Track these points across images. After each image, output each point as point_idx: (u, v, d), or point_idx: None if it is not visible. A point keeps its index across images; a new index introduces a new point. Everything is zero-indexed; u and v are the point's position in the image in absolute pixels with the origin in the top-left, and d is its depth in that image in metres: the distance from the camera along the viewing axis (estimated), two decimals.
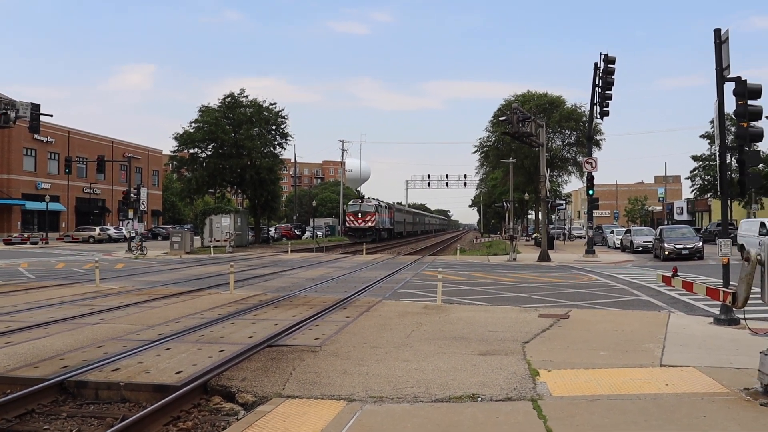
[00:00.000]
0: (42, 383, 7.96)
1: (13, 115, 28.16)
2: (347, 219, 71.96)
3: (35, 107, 28.90)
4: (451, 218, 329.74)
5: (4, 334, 11.27)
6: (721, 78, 13.97)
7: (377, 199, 79.99)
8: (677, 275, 12.03)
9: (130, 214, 47.69)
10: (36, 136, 65.62)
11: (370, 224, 68.98)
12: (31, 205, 72.69)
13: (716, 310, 13.40)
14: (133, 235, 47.60)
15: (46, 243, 62.51)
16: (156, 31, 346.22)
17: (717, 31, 14.13)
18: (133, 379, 8.19)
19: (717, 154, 14.98)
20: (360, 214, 69.72)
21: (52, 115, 31.20)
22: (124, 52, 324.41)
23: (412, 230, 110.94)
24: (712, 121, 64.01)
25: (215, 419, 7.22)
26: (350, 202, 75.48)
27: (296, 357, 9.54)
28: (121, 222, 74.67)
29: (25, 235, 64.31)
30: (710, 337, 11.27)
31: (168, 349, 10.09)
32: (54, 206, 74.02)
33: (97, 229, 72.19)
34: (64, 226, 78.61)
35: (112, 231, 71.62)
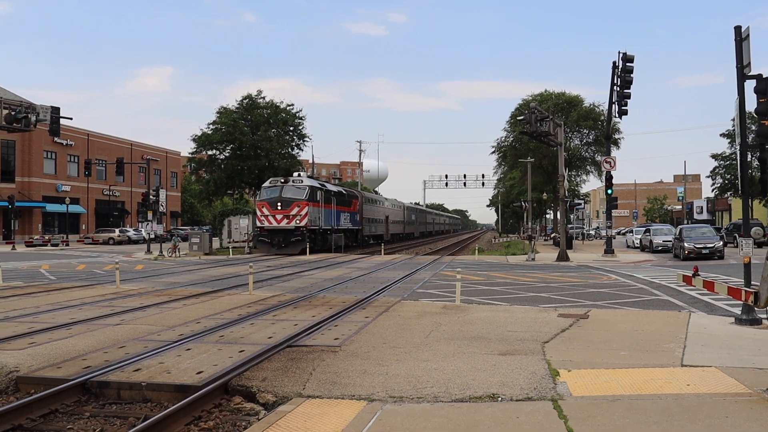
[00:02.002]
0: (65, 383, 8.04)
1: (33, 118, 28.51)
2: (258, 213, 43.67)
3: (55, 110, 29.24)
4: (469, 218, 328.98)
5: (27, 335, 11.39)
6: (742, 75, 13.85)
7: (319, 179, 55.37)
8: (698, 274, 11.97)
9: (149, 215, 48.03)
10: (56, 139, 66.51)
11: (296, 222, 41.81)
12: (51, 207, 73.45)
13: (738, 310, 13.28)
14: (152, 236, 48.00)
15: (67, 245, 63.11)
16: (172, 33, 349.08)
17: (737, 28, 14.01)
18: (155, 379, 8.24)
19: (738, 152, 14.86)
20: (279, 205, 42.05)
21: (71, 119, 31.56)
22: (140, 56, 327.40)
23: (404, 232, 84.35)
24: (732, 120, 63.52)
25: (236, 419, 7.26)
26: (265, 184, 45.93)
27: (316, 357, 9.56)
28: (140, 224, 75.34)
29: (46, 237, 65.00)
30: (732, 337, 11.18)
31: (188, 349, 10.15)
32: (74, 208, 74.76)
33: (117, 230, 72.79)
34: (84, 228, 79.35)
35: (131, 233, 72.19)
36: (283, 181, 43.99)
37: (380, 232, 67.76)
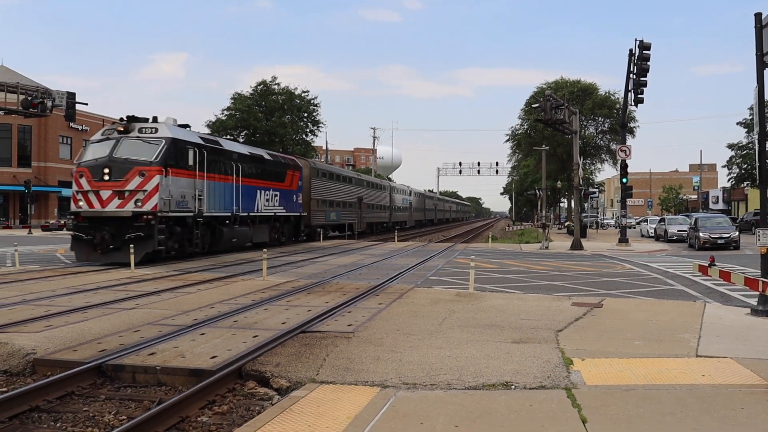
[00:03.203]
0: (81, 366, 8.11)
1: (49, 104, 28.73)
2: (74, 187, 25.00)
3: (71, 96, 29.40)
4: (483, 206, 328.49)
5: (44, 318, 11.48)
6: (761, 63, 13.67)
7: (190, 128, 28.20)
8: (714, 264, 11.90)
9: None
10: (71, 124, 66.95)
11: (135, 204, 23.27)
12: (67, 192, 73.57)
13: (753, 301, 13.19)
14: None
15: None
16: (188, 19, 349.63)
17: (758, 15, 13.82)
18: (169, 363, 8.29)
19: (756, 141, 14.70)
20: (107, 172, 23.46)
21: (87, 104, 31.75)
22: (156, 41, 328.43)
23: (391, 221, 67.80)
24: (750, 108, 62.98)
25: (250, 404, 7.30)
26: (94, 136, 25.92)
27: (329, 343, 9.59)
28: None
29: (62, 222, 65.32)
30: (747, 328, 11.10)
31: (203, 334, 10.20)
32: None
33: None
34: None
35: None
36: (121, 129, 24.35)
37: (348, 219, 50.52)
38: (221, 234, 28.36)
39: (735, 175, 70.82)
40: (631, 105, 40.22)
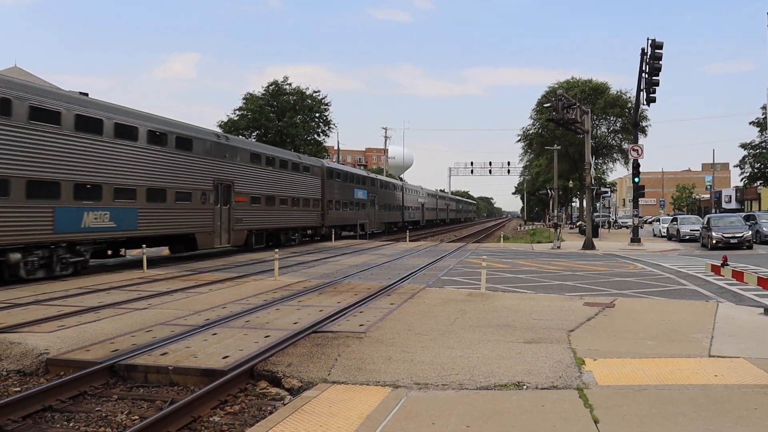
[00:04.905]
0: (94, 366, 8.16)
1: None
2: None
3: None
4: (494, 205, 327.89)
5: (57, 318, 11.55)
6: None
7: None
8: (727, 264, 11.84)
9: None
10: None
11: None
12: None
13: (767, 301, 13.12)
14: None
15: None
16: (199, 20, 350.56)
17: None
18: (181, 363, 8.32)
19: None
20: None
21: None
22: (168, 42, 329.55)
23: (323, 224, 40.55)
24: (762, 107, 62.69)
25: (262, 404, 7.32)
26: None
27: (341, 343, 9.59)
28: None
29: None
30: (760, 328, 11.03)
31: (215, 334, 10.23)
32: None
33: None
34: None
35: None
36: None
37: (145, 228, 22.23)
38: None
39: (748, 174, 70.38)
40: (643, 104, 40.07)
